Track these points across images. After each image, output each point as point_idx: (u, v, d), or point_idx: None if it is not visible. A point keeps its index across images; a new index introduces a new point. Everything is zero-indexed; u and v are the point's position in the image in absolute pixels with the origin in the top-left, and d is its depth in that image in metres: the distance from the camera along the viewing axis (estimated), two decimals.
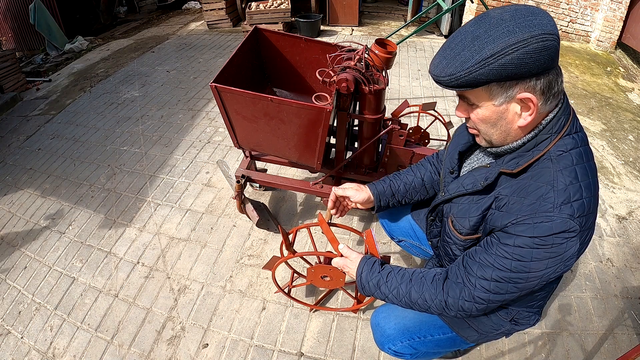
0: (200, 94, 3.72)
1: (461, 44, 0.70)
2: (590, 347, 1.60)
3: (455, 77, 0.70)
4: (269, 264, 1.46)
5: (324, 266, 1.35)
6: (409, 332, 1.10)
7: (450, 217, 0.94)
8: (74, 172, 2.78)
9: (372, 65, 1.50)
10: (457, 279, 0.87)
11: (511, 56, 0.65)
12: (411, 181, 1.23)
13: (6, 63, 4.00)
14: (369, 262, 1.02)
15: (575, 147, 0.76)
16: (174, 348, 1.64)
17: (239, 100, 1.52)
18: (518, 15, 0.66)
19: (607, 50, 4.51)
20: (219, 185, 2.51)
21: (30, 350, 1.69)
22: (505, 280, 0.78)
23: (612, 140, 2.93)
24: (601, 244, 2.05)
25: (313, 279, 1.42)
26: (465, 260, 0.87)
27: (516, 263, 0.75)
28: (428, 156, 1.29)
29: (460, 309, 0.86)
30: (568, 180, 0.73)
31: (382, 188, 1.22)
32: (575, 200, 0.71)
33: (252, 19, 4.89)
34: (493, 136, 0.81)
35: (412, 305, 0.93)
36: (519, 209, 0.74)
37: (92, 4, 6.45)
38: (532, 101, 0.71)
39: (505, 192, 0.79)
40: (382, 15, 5.88)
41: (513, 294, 0.80)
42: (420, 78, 3.86)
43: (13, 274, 2.07)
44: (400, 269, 0.98)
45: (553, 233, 0.71)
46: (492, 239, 0.80)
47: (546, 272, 0.75)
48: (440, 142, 2.76)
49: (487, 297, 0.82)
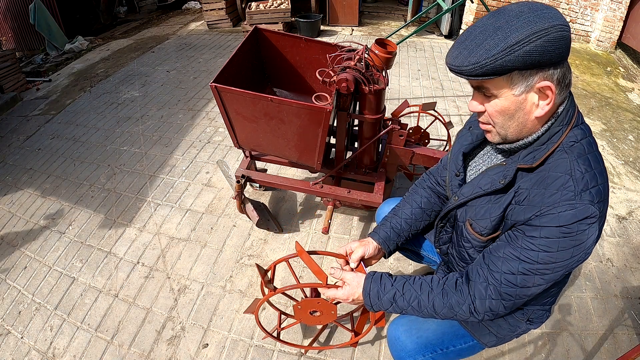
0: (200, 94, 3.72)
1: (482, 35, 0.72)
2: (590, 347, 1.60)
3: (480, 64, 0.71)
4: (250, 307, 1.32)
5: (311, 300, 1.20)
6: (432, 345, 1.07)
7: (468, 221, 0.93)
8: (74, 172, 2.78)
9: (372, 65, 1.50)
10: (479, 279, 0.85)
11: (535, 43, 0.67)
12: (410, 214, 1.18)
13: (6, 63, 4.00)
14: (375, 278, 0.97)
15: (585, 137, 0.79)
16: (174, 348, 1.64)
17: (239, 100, 1.52)
18: (535, 8, 0.70)
19: (607, 50, 4.51)
20: (219, 185, 2.51)
21: (30, 350, 1.69)
22: (533, 272, 0.78)
23: (612, 140, 2.93)
24: (601, 244, 2.05)
25: (302, 317, 1.25)
26: (486, 258, 0.86)
27: (543, 254, 0.76)
28: (419, 180, 1.25)
29: (488, 309, 0.85)
30: (583, 168, 0.75)
31: (385, 233, 1.16)
32: (592, 186, 0.73)
33: (252, 19, 4.89)
34: (509, 129, 0.81)
35: (436, 314, 0.90)
36: (541, 200, 0.75)
37: (92, 4, 6.45)
38: (551, 89, 0.73)
39: (525, 186, 0.80)
40: (382, 15, 5.88)
41: (540, 286, 0.80)
42: (420, 78, 3.86)
43: (13, 274, 2.07)
44: (414, 279, 0.95)
45: (577, 220, 0.72)
46: (516, 232, 0.80)
47: (571, 261, 0.76)
48: (440, 142, 2.76)
49: (514, 292, 0.81)
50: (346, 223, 2.19)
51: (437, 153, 1.83)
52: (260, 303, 1.25)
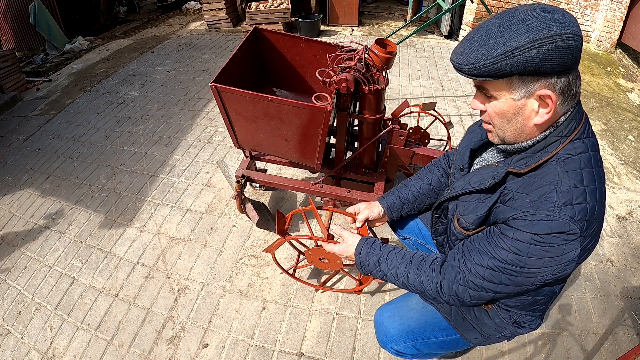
0: (200, 94, 3.72)
1: (486, 35, 0.71)
2: (590, 347, 1.60)
3: (479, 65, 0.70)
4: (268, 247, 1.51)
5: (319, 249, 1.36)
6: (413, 333, 1.10)
7: (456, 216, 0.94)
8: (74, 172, 2.78)
9: (372, 65, 1.50)
10: (454, 262, 0.88)
11: (537, 50, 0.66)
12: (419, 188, 1.24)
13: (6, 63, 4.00)
14: (369, 241, 1.04)
15: (585, 151, 0.76)
16: (174, 348, 1.64)
17: (239, 100, 1.52)
18: (546, 13, 0.67)
19: (607, 50, 4.51)
20: (219, 185, 2.51)
21: (30, 350, 1.69)
22: (500, 270, 0.79)
23: (612, 140, 2.93)
24: (601, 244, 2.05)
25: (313, 261, 1.44)
26: (465, 244, 0.88)
27: (512, 256, 0.76)
28: (436, 159, 1.29)
29: (454, 293, 0.87)
30: (572, 182, 0.73)
31: (392, 200, 1.25)
32: (577, 203, 0.71)
33: (252, 19, 4.89)
34: (507, 132, 0.81)
35: (408, 286, 0.95)
36: (521, 204, 0.75)
37: (92, 4, 6.45)
38: (552, 99, 0.71)
39: (511, 188, 0.80)
40: (382, 15, 5.89)
41: (506, 285, 0.81)
42: (420, 78, 3.86)
43: (13, 274, 2.07)
44: (401, 250, 1.00)
45: (551, 232, 0.71)
46: (495, 228, 0.81)
47: (542, 271, 0.75)
48: (440, 142, 2.76)
49: (480, 284, 0.83)
50: (346, 223, 2.19)
51: (437, 153, 1.83)
52: (277, 244, 1.45)
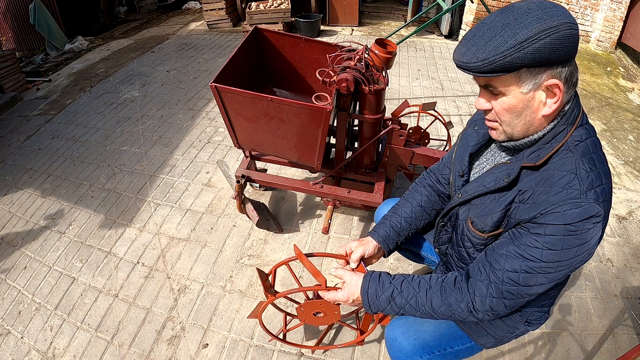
0: (200, 94, 3.72)
1: (490, 31, 0.72)
2: (590, 347, 1.60)
3: (489, 61, 0.71)
4: (253, 312, 1.30)
5: (313, 302, 1.19)
6: (429, 347, 1.07)
7: (470, 219, 0.92)
8: (74, 172, 2.78)
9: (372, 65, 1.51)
10: (481, 277, 0.84)
11: (544, 41, 0.68)
12: (410, 213, 1.18)
13: (6, 63, 4.00)
14: (374, 276, 0.95)
15: (589, 136, 0.80)
16: (174, 348, 1.64)
17: (239, 100, 1.52)
18: (543, 7, 0.70)
19: (607, 50, 4.51)
20: (219, 185, 2.51)
21: (30, 350, 1.69)
22: (536, 270, 0.78)
23: (612, 140, 2.93)
24: (601, 244, 2.05)
25: (306, 319, 1.25)
26: (489, 255, 0.85)
27: (547, 252, 0.75)
28: (420, 178, 1.25)
29: (488, 308, 0.83)
30: (588, 167, 0.75)
31: (385, 232, 1.15)
32: (597, 185, 0.74)
33: (252, 19, 4.89)
34: (516, 127, 0.81)
35: (434, 313, 0.88)
36: (546, 199, 0.75)
37: (92, 4, 6.45)
38: (559, 87, 0.73)
39: (529, 185, 0.80)
40: (382, 15, 5.89)
41: (542, 285, 0.80)
42: (420, 78, 3.86)
43: (13, 274, 2.07)
44: (413, 277, 0.93)
45: (583, 219, 0.72)
46: (521, 230, 0.80)
47: (574, 260, 0.76)
48: (440, 142, 2.76)
49: (516, 291, 0.80)
50: (346, 223, 2.19)
51: (437, 153, 1.83)
52: (262, 307, 1.24)
